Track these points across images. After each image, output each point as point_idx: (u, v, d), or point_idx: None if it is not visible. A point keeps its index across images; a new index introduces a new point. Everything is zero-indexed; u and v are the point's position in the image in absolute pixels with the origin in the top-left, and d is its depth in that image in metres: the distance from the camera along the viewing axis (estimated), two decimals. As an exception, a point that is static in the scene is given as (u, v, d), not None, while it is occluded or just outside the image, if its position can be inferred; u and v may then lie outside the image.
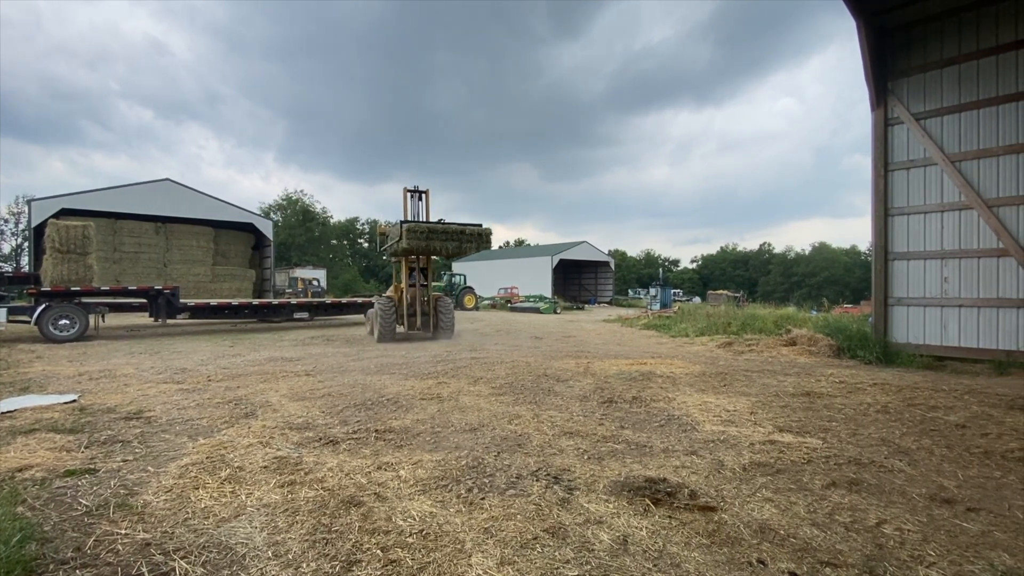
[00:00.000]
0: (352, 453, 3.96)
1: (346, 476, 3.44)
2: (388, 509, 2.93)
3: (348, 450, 4.04)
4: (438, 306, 13.69)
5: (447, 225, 11.96)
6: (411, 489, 3.22)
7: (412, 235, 11.49)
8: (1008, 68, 8.81)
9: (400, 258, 13.54)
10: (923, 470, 3.67)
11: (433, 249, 11.91)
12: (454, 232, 11.93)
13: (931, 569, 2.34)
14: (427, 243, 11.72)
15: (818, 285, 59.99)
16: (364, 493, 3.15)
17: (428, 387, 6.62)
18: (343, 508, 2.95)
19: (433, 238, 11.74)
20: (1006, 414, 5.11)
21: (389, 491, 3.19)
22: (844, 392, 6.26)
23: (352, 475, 3.45)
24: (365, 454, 3.93)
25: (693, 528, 2.72)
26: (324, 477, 3.42)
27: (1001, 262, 8.83)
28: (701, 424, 4.89)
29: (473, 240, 12.20)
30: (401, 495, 3.13)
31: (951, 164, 9.25)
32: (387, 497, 3.10)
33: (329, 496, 3.11)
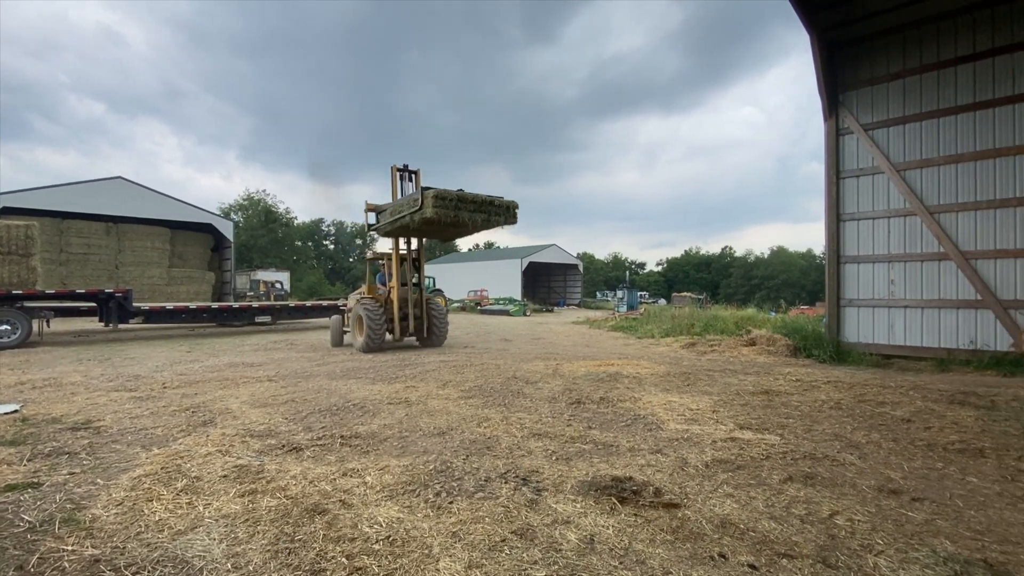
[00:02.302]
0: (317, 460, 3.87)
1: (310, 484, 3.35)
2: (354, 516, 2.88)
3: (312, 457, 3.95)
4: (431, 309, 12.16)
5: (475, 195, 10.04)
6: (378, 495, 3.17)
7: (440, 202, 9.32)
8: (947, 83, 9.40)
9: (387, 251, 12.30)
10: (872, 463, 3.86)
11: (461, 221, 9.86)
12: (483, 202, 9.98)
13: (879, 557, 2.47)
14: (456, 213, 9.57)
15: (776, 287, 62.29)
16: (329, 500, 3.09)
17: (396, 391, 6.54)
18: (307, 516, 2.87)
19: (462, 207, 9.66)
20: (947, 409, 5.43)
21: (355, 498, 3.14)
22: (800, 390, 6.52)
23: (316, 482, 3.38)
24: (330, 461, 3.85)
25: (658, 525, 2.78)
26: (287, 485, 3.33)
27: (942, 265, 9.40)
28: (666, 423, 5.00)
29: (501, 213, 10.23)
30: (367, 501, 3.08)
31: (896, 173, 9.78)
32: (353, 504, 3.04)
33: (292, 504, 3.03)
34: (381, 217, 11.21)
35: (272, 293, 32.60)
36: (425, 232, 11.20)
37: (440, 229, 10.63)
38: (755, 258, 77.09)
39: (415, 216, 9.63)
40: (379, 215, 11.32)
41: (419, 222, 9.72)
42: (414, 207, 9.60)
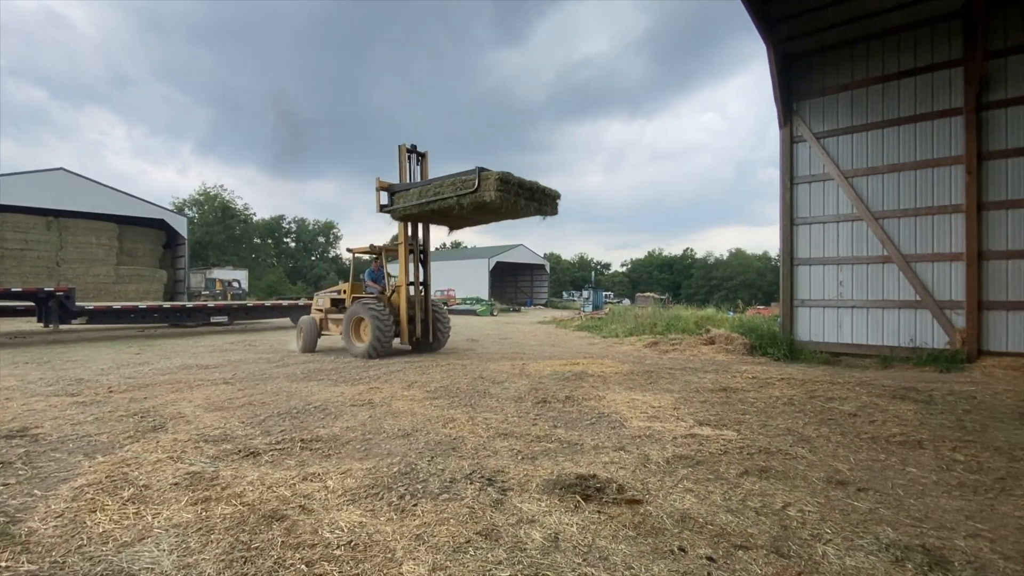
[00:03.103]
0: (275, 465, 3.75)
1: (268, 489, 3.25)
2: (314, 522, 2.80)
3: (271, 462, 3.82)
4: (435, 311, 11.00)
5: (530, 181, 9.01)
6: (339, 499, 3.10)
7: (504, 186, 8.24)
8: (891, 95, 9.96)
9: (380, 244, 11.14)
10: (822, 456, 4.05)
11: (520, 208, 8.86)
12: (536, 189, 8.97)
13: (827, 546, 2.59)
14: (515, 199, 8.52)
15: (735, 288, 64.48)
16: (288, 506, 3.00)
17: (359, 393, 6.41)
18: (264, 523, 2.78)
19: (521, 193, 8.66)
20: (889, 403, 5.75)
21: (315, 503, 3.06)
22: (756, 387, 6.77)
23: (275, 488, 3.27)
24: (289, 465, 3.74)
25: (620, 521, 2.83)
26: (243, 492, 3.21)
27: (885, 268, 9.95)
28: (629, 421, 5.09)
29: (548, 203, 9.30)
30: (328, 506, 3.01)
31: (845, 180, 10.30)
32: (313, 509, 2.97)
33: (249, 512, 2.92)
34: (400, 198, 9.68)
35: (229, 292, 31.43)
36: (460, 219, 9.91)
37: (477, 216, 9.56)
38: (715, 260, 79.61)
39: (465, 199, 8.49)
40: (394, 195, 9.83)
41: (470, 206, 8.59)
42: (466, 189, 8.45)
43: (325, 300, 11.63)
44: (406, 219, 10.15)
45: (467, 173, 8.57)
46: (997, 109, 8.95)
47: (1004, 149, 8.88)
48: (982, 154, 9.01)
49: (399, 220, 10.14)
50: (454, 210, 8.92)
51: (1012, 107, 8.83)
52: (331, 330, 11.17)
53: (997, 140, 8.94)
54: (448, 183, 8.78)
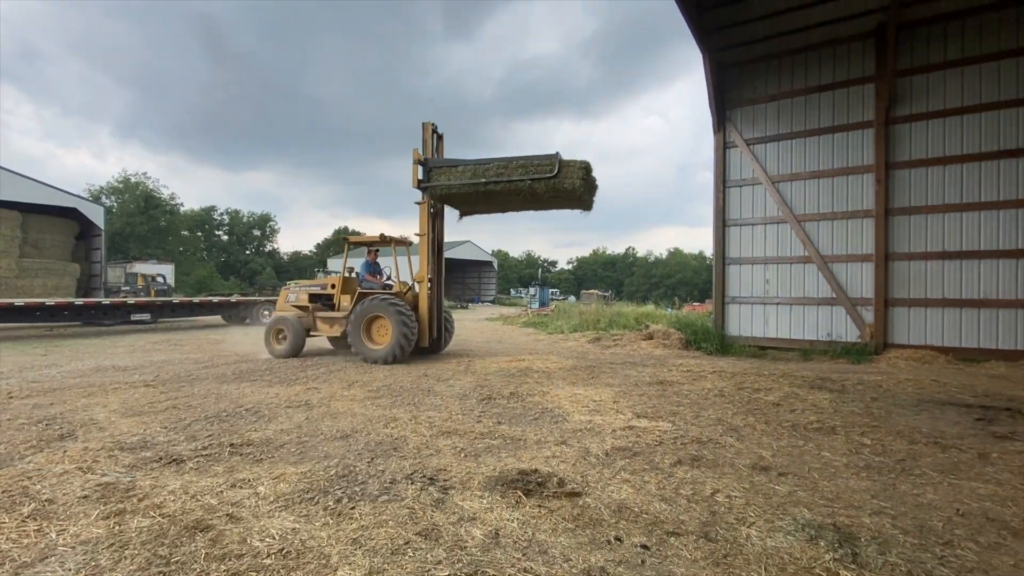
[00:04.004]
0: (201, 472, 3.53)
1: (192, 498, 3.05)
2: (243, 530, 2.66)
3: (196, 469, 3.59)
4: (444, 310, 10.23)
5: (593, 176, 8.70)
6: (271, 506, 2.96)
7: (586, 175, 8.13)
8: (812, 107, 10.71)
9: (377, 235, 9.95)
10: (748, 444, 4.30)
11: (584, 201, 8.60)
12: (595, 185, 8.74)
13: (751, 528, 2.75)
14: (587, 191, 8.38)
15: (673, 286, 67.35)
16: (214, 515, 2.82)
17: (295, 394, 6.15)
18: (187, 535, 2.60)
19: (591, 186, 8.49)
20: (808, 393, 6.21)
21: (245, 510, 2.90)
22: (690, 379, 7.10)
23: (199, 497, 3.07)
24: (217, 472, 3.52)
25: (560, 514, 2.88)
26: (163, 502, 2.99)
27: (806, 267, 10.72)
28: (571, 415, 5.20)
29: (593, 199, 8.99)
30: (259, 513, 2.86)
31: (772, 184, 10.99)
32: (242, 517, 2.81)
33: (169, 523, 2.73)
34: (442, 174, 8.97)
35: (153, 288, 29.18)
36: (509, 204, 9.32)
37: (528, 203, 9.11)
38: (655, 259, 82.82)
39: (540, 184, 8.18)
40: (432, 171, 9.10)
41: (544, 192, 8.26)
42: (542, 173, 8.16)
43: (301, 295, 10.05)
44: (444, 199, 9.33)
45: (541, 157, 8.38)
46: (903, 123, 9.85)
47: (908, 160, 9.79)
48: (890, 164, 9.89)
49: (437, 198, 9.33)
50: (520, 194, 8.57)
51: (916, 122, 9.75)
52: (320, 330, 9.73)
53: (903, 152, 9.85)
54: (516, 165, 8.46)
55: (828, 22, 9.97)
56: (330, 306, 9.87)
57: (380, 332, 9.03)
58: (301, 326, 9.68)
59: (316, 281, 10.35)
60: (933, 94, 9.62)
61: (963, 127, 9.38)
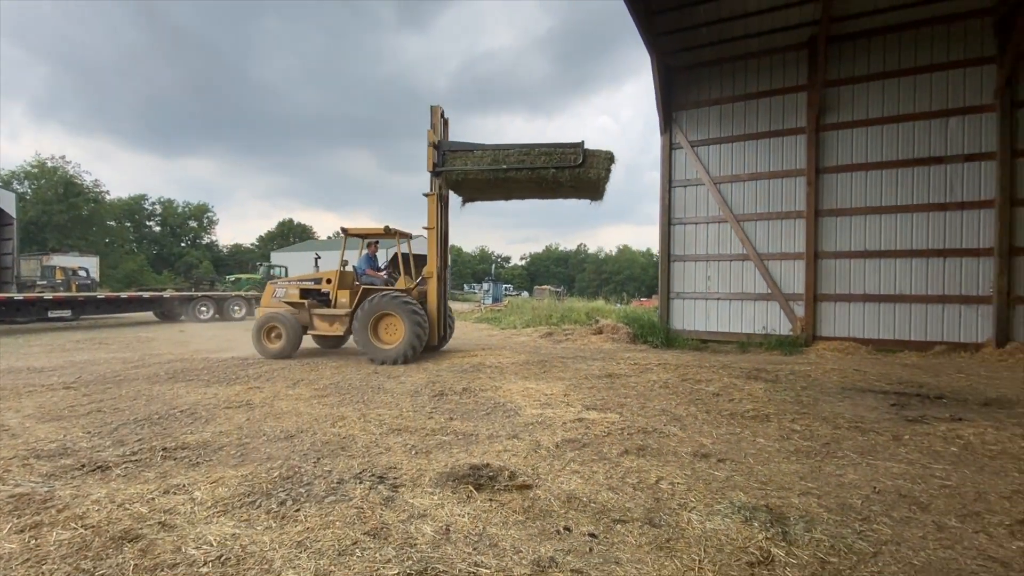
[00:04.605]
0: (129, 479, 3.30)
1: (119, 507, 2.85)
2: (177, 538, 2.51)
3: (124, 475, 3.36)
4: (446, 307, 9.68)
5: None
6: (208, 511, 2.81)
7: (610, 165, 8.20)
8: (752, 112, 11.27)
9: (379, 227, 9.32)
10: (690, 432, 4.50)
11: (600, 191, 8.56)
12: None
13: (691, 513, 2.89)
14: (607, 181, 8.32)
15: (622, 282, 69.27)
16: (144, 524, 2.65)
17: (236, 394, 5.87)
18: (113, 546, 2.44)
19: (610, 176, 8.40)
20: (745, 383, 6.56)
21: (179, 517, 2.74)
22: (637, 372, 7.34)
23: (128, 505, 2.88)
24: (147, 478, 3.31)
25: (511, 507, 2.91)
26: (86, 512, 2.78)
27: (744, 264, 11.31)
28: (523, 409, 5.25)
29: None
30: (195, 520, 2.72)
31: (714, 185, 11.49)
32: (176, 525, 2.66)
33: (93, 535, 2.54)
34: (459, 159, 8.66)
35: (74, 282, 26.92)
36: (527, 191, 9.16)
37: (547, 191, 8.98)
38: (605, 255, 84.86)
39: (564, 173, 8.17)
40: (447, 154, 8.74)
41: (567, 180, 8.26)
42: (567, 162, 8.14)
43: (291, 291, 9.34)
44: (457, 185, 8.98)
45: (565, 145, 8.31)
46: (832, 131, 10.55)
47: (835, 165, 10.51)
48: (819, 168, 10.58)
49: (451, 184, 8.99)
50: (542, 183, 8.47)
51: (842, 130, 10.47)
52: (318, 328, 9.08)
53: (831, 157, 10.55)
54: (539, 152, 8.35)
55: (766, 32, 10.52)
56: (325, 302, 9.34)
57: (389, 331, 8.53)
58: (298, 324, 9.01)
59: (308, 275, 9.75)
60: (858, 104, 10.35)
61: (883, 136, 10.17)
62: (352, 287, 9.18)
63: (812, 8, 9.78)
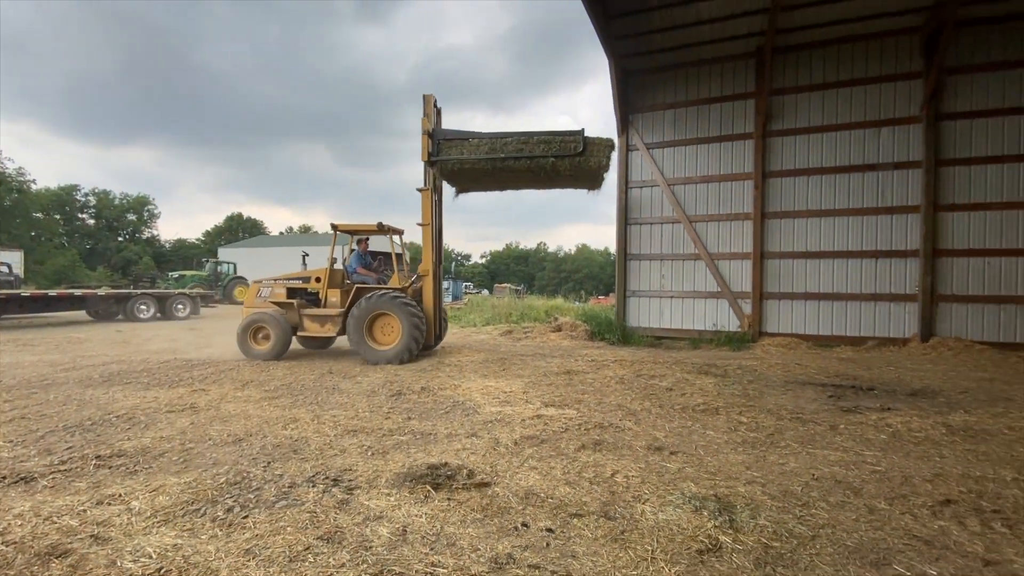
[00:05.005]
0: (57, 490, 3.08)
1: (45, 521, 2.64)
2: (112, 552, 2.36)
3: (51, 487, 3.12)
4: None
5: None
6: (148, 522, 2.66)
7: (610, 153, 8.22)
8: (704, 117, 11.68)
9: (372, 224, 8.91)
10: (644, 426, 4.63)
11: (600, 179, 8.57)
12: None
13: (645, 504, 2.97)
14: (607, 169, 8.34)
15: (581, 280, 70.42)
16: (74, 538, 2.48)
17: (179, 397, 5.57)
18: (39, 563, 2.26)
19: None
20: (696, 378, 6.81)
21: (114, 529, 2.58)
22: (594, 368, 7.48)
23: (55, 518, 2.68)
24: (78, 489, 3.09)
25: (469, 506, 2.90)
26: (7, 528, 2.57)
27: (696, 264, 11.72)
28: (482, 407, 5.25)
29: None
30: (132, 531, 2.56)
31: (668, 187, 11.84)
32: (110, 537, 2.50)
33: (16, 551, 2.35)
34: (455, 148, 8.42)
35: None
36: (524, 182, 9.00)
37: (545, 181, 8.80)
38: (564, 254, 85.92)
39: (564, 162, 8.06)
40: (442, 143, 8.47)
41: (566, 169, 8.14)
42: (566, 151, 8.01)
43: (277, 290, 8.92)
44: (452, 175, 8.72)
45: (565, 133, 8.18)
46: (777, 137, 11.08)
47: (780, 170, 11.05)
48: (766, 173, 11.10)
49: (446, 174, 8.71)
50: (541, 172, 8.26)
51: (787, 136, 11.02)
52: (308, 329, 8.67)
53: (776, 162, 11.08)
54: (537, 141, 8.18)
55: (717, 40, 10.93)
56: (313, 302, 8.95)
57: (385, 331, 8.26)
58: (288, 324, 8.57)
59: (296, 273, 9.33)
60: (800, 112, 10.92)
61: (823, 143, 10.78)
62: (343, 286, 8.87)
63: (760, 19, 10.23)
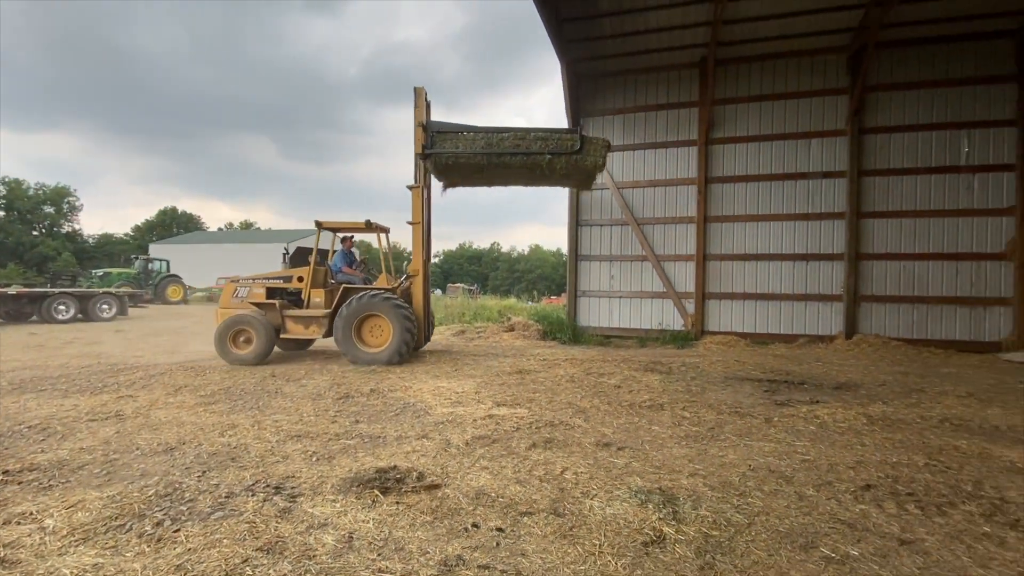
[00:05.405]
0: (-44, 510, 2.77)
1: (-60, 545, 2.38)
2: (21, 575, 2.15)
3: (-52, 507, 2.81)
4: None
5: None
6: (63, 541, 2.44)
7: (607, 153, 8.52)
8: (651, 122, 12.07)
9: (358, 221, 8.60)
10: (593, 423, 4.73)
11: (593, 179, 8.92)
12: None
13: (593, 500, 3.03)
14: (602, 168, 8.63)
15: (534, 280, 71.05)
16: (-25, 563, 2.24)
17: (102, 404, 5.17)
18: (-69, 593, 2.03)
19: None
20: (643, 375, 7.03)
21: (24, 551, 2.35)
22: (546, 367, 7.56)
23: (-47, 542, 2.41)
24: (-18, 508, 2.80)
25: (418, 509, 2.86)
26: None
27: (643, 265, 12.10)
28: (434, 408, 5.18)
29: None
30: (46, 552, 2.35)
31: (617, 190, 12.16)
32: (20, 560, 2.28)
33: (-98, 582, 2.10)
34: (449, 142, 8.28)
35: None
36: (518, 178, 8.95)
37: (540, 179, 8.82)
38: (518, 254, 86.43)
39: (560, 160, 8.10)
40: (436, 135, 8.30)
41: (563, 167, 8.17)
42: (564, 148, 8.07)
43: (256, 290, 8.43)
44: (445, 169, 8.49)
45: (562, 131, 8.31)
46: (719, 144, 11.62)
47: (721, 176, 11.59)
48: (708, 179, 11.61)
49: (440, 168, 8.46)
50: (537, 169, 8.27)
51: (727, 144, 11.57)
52: (291, 331, 8.30)
53: (718, 168, 11.62)
54: (535, 137, 8.21)
55: (664, 49, 11.33)
56: (295, 302, 8.51)
57: (375, 332, 8.02)
58: (271, 326, 8.10)
59: (276, 273, 8.82)
60: (740, 122, 11.51)
61: (760, 152, 11.40)
62: (328, 286, 8.57)
63: (703, 32, 10.69)
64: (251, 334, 8.04)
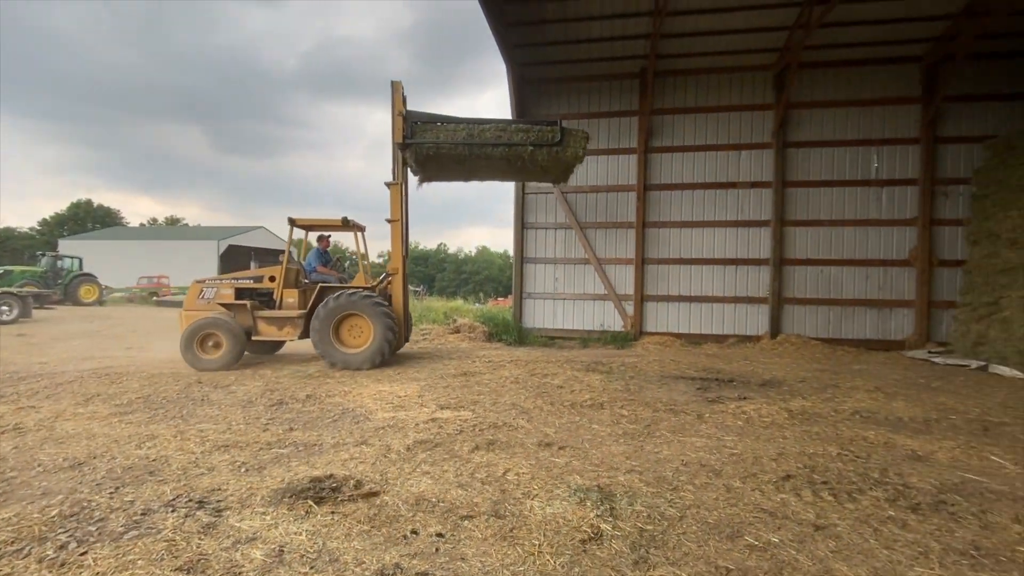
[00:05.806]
0: None
1: None
2: None
3: None
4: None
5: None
6: (-56, 572, 2.18)
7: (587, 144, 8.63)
8: (595, 129, 12.33)
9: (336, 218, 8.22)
10: (536, 424, 4.78)
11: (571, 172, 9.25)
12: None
13: (534, 500, 3.07)
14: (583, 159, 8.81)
15: (481, 281, 70.95)
16: None
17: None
18: None
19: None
20: (585, 375, 7.19)
21: None
22: (491, 369, 7.57)
23: None
24: None
25: (355, 518, 2.77)
26: None
27: (586, 268, 12.40)
28: (374, 413, 5.06)
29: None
30: (-79, 586, 2.08)
31: (562, 195, 12.39)
32: None
33: None
34: (429, 132, 8.16)
35: None
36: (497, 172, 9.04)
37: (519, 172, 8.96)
38: (465, 255, 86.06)
39: (541, 151, 8.12)
40: (417, 125, 8.17)
41: (543, 159, 8.23)
42: (545, 140, 8.10)
43: (224, 291, 7.99)
44: (425, 161, 8.39)
45: (542, 123, 8.35)
46: (657, 153, 12.10)
47: (659, 183, 12.08)
48: (647, 186, 12.06)
49: (420, 159, 8.34)
50: (517, 161, 8.28)
51: (665, 153, 12.07)
52: (264, 333, 7.91)
53: (655, 176, 12.10)
54: (516, 129, 8.23)
55: (606, 59, 11.67)
56: (266, 303, 8.05)
57: (353, 333, 7.75)
58: (241, 329, 7.67)
59: (245, 272, 8.35)
60: (676, 132, 12.05)
61: (694, 161, 11.98)
62: (301, 286, 8.26)
63: (643, 44, 11.11)
64: (220, 338, 7.60)
